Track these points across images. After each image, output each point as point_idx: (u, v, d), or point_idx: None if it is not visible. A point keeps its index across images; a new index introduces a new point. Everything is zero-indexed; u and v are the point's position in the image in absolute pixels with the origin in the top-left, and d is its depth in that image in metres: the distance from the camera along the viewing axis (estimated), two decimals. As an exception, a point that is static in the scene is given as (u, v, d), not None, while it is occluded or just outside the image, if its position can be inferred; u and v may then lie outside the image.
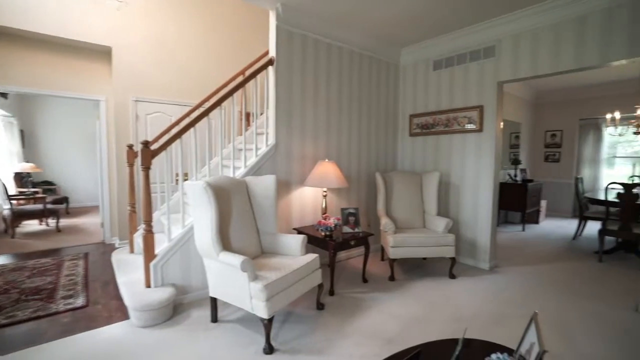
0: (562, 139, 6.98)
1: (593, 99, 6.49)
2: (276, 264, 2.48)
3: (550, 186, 7.10)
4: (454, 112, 3.89)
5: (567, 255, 4.32)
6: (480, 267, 3.74)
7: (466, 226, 3.87)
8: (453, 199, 3.98)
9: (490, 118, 3.59)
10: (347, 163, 3.99)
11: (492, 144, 3.59)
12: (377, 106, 4.29)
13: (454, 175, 3.96)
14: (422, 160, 4.31)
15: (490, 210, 3.63)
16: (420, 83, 4.29)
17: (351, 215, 3.32)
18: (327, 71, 3.71)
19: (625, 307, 2.81)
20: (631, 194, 3.78)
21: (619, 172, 6.53)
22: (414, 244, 3.34)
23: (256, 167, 3.18)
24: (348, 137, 3.98)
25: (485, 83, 3.63)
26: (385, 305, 2.81)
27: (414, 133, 4.37)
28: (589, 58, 2.93)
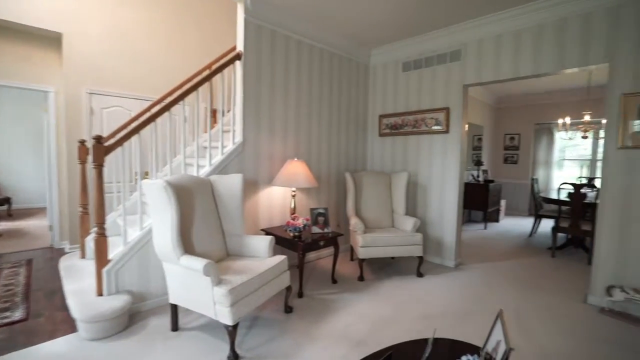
0: (520, 142, 7.40)
1: (547, 105, 6.94)
2: (242, 267, 2.37)
3: (509, 186, 7.50)
4: (422, 114, 3.97)
5: (524, 251, 4.55)
6: (446, 265, 3.83)
7: (433, 225, 3.95)
8: (421, 199, 4.06)
9: (456, 120, 3.69)
10: (317, 162, 3.94)
11: (457, 146, 3.69)
12: (348, 106, 4.28)
13: (421, 175, 4.04)
14: (391, 160, 4.36)
15: (456, 210, 3.74)
16: (389, 84, 4.34)
17: (320, 216, 3.27)
18: (298, 69, 3.63)
19: (575, 299, 2.99)
20: (580, 194, 4.05)
21: (568, 173, 7.02)
22: (383, 243, 3.36)
23: (222, 166, 3.04)
24: (318, 136, 3.93)
25: (452, 86, 3.72)
26: (355, 306, 2.78)
27: (383, 133, 4.41)
28: (545, 65, 3.09)
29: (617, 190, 2.76)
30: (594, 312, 2.74)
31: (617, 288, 2.62)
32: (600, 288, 2.84)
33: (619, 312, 2.69)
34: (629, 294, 2.55)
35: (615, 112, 2.74)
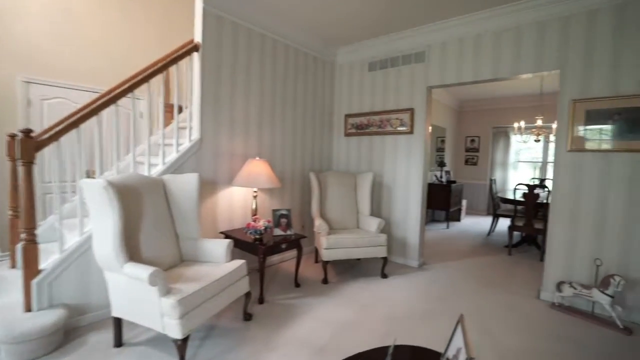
0: (479, 144, 7.71)
1: (504, 109, 7.29)
2: (196, 274, 2.19)
3: (470, 187, 7.80)
4: (387, 114, 3.97)
5: (484, 250, 4.72)
6: (410, 265, 3.86)
7: (397, 226, 3.97)
8: (385, 199, 4.06)
9: (420, 121, 3.73)
10: (281, 162, 3.81)
11: (421, 146, 3.72)
12: (313, 104, 4.19)
13: (386, 176, 4.04)
14: (356, 160, 4.33)
15: (419, 210, 3.77)
16: (355, 83, 4.30)
17: (283, 217, 3.15)
18: (261, 64, 3.48)
19: (530, 295, 3.11)
20: (533, 194, 4.26)
21: (523, 174, 7.43)
22: (348, 245, 3.30)
23: (177, 165, 2.83)
24: (282, 135, 3.80)
25: (416, 87, 3.75)
26: (318, 311, 2.70)
27: (349, 133, 4.37)
28: (503, 70, 3.19)
29: (566, 190, 2.90)
30: (546, 308, 2.86)
31: (566, 284, 2.74)
32: (552, 284, 2.97)
33: (568, 306, 2.82)
34: (577, 289, 2.68)
35: (565, 117, 2.87)
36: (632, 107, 2.60)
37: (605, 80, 2.70)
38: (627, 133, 2.63)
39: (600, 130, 2.74)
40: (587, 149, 2.79)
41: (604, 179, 2.73)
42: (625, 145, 2.64)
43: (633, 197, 2.62)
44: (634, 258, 2.63)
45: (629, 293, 2.64)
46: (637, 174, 2.60)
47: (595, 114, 2.75)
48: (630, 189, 2.63)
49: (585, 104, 2.78)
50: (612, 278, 2.51)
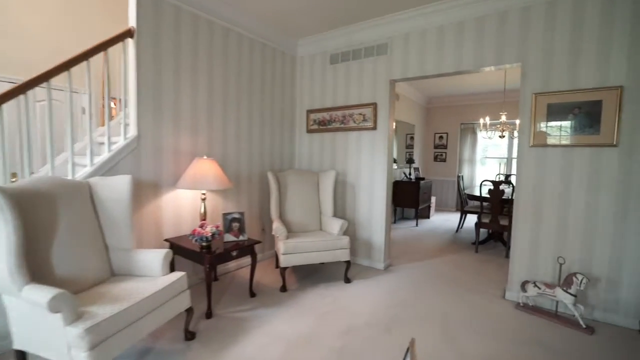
0: (448, 141, 7.73)
1: (471, 106, 7.33)
2: (124, 292, 1.89)
3: (439, 183, 7.81)
4: (350, 109, 3.77)
5: (451, 247, 4.65)
6: (375, 267, 3.69)
7: (362, 226, 3.79)
8: (350, 199, 3.87)
9: (383, 116, 3.56)
10: (236, 161, 3.53)
11: (385, 142, 3.56)
12: (272, 99, 3.93)
13: (350, 174, 3.85)
14: (319, 158, 4.11)
15: (384, 209, 3.61)
16: (317, 77, 4.08)
17: (235, 221, 2.88)
18: (210, 54, 3.18)
19: (495, 295, 3.02)
20: (498, 191, 4.22)
21: (489, 170, 7.52)
22: (307, 249, 3.08)
23: (109, 166, 2.48)
24: (237, 132, 3.52)
25: (379, 80, 3.58)
26: (272, 323, 2.45)
27: (311, 129, 4.14)
28: (466, 62, 3.07)
29: (530, 187, 2.82)
30: (511, 309, 2.77)
31: (531, 283, 2.66)
32: (517, 283, 2.89)
33: (533, 306, 2.75)
34: (541, 289, 2.59)
35: (528, 111, 2.79)
36: (591, 101, 2.54)
37: (566, 74, 2.63)
38: (587, 127, 2.57)
39: (561, 125, 2.67)
40: (549, 144, 2.72)
41: (566, 175, 2.67)
42: (585, 140, 2.58)
43: (592, 194, 2.56)
44: (595, 254, 2.58)
45: (590, 290, 2.59)
46: (596, 170, 2.55)
47: (557, 108, 2.67)
48: (589, 185, 2.57)
49: (547, 98, 2.70)
50: (574, 277, 2.44)
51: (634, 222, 2.43)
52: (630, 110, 2.42)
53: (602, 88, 2.49)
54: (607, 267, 2.54)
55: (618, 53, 2.43)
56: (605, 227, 2.53)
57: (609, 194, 2.51)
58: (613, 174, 2.49)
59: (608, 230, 2.52)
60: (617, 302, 2.52)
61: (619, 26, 2.43)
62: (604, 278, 2.56)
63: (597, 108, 2.52)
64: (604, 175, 2.53)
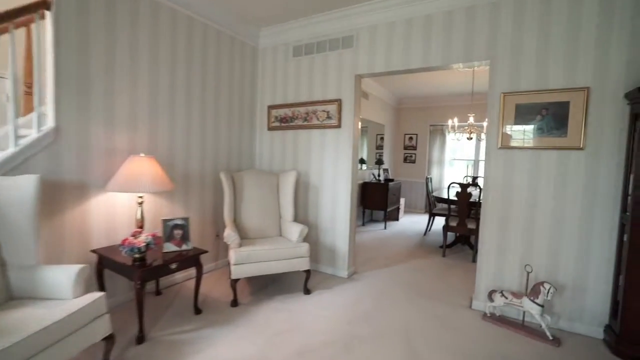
0: (417, 142, 7.68)
1: (440, 107, 7.31)
2: (16, 322, 1.51)
3: (408, 185, 7.74)
4: (313, 105, 3.51)
5: (419, 251, 4.51)
6: (339, 276, 3.45)
7: (325, 231, 3.54)
8: (312, 202, 3.61)
9: (348, 114, 3.32)
10: (185, 160, 3.16)
11: (349, 142, 3.33)
12: (230, 93, 3.59)
13: (313, 174, 3.59)
14: (281, 157, 3.82)
15: (348, 213, 3.38)
16: (279, 70, 3.78)
17: (178, 228, 2.52)
18: (154, 38, 2.80)
19: (462, 305, 2.87)
20: (465, 193, 4.12)
21: (457, 172, 7.54)
22: (262, 258, 2.78)
23: (15, 163, 2.05)
24: (187, 127, 3.15)
25: (344, 75, 3.34)
26: (216, 347, 2.14)
27: (272, 127, 3.84)
28: (434, 58, 2.90)
29: (498, 191, 2.68)
30: (478, 319, 2.62)
31: (498, 293, 2.52)
32: (483, 292, 2.75)
33: (500, 317, 2.61)
34: (508, 299, 2.46)
35: (496, 111, 2.65)
36: (559, 102, 2.43)
37: (534, 73, 2.51)
38: (554, 130, 2.46)
39: (529, 127, 2.55)
40: (517, 146, 2.59)
41: (534, 179, 2.55)
42: (552, 143, 2.47)
43: (559, 199, 2.46)
44: (561, 261, 2.47)
45: (556, 298, 2.48)
46: (562, 174, 2.44)
47: (525, 108, 2.55)
48: (556, 190, 2.47)
49: (515, 98, 2.57)
50: (542, 286, 2.31)
51: (599, 228, 2.34)
52: (596, 112, 2.33)
53: (570, 89, 2.39)
54: (573, 274, 2.44)
55: (585, 53, 2.34)
56: (571, 233, 2.43)
57: (575, 199, 2.41)
58: (579, 178, 2.40)
59: (573, 236, 2.43)
60: (582, 310, 2.42)
61: (585, 26, 2.33)
62: (569, 285, 2.46)
63: (565, 109, 2.42)
64: (570, 179, 2.42)
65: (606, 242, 2.32)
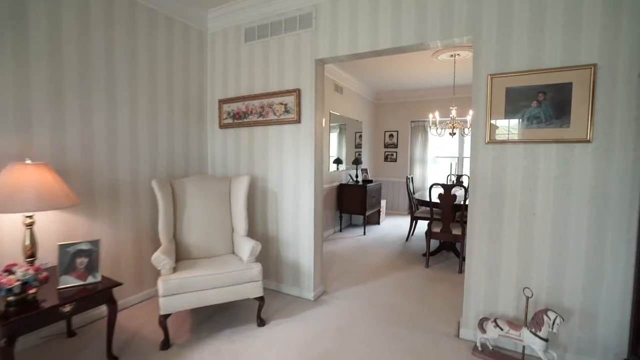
0: (398, 140, 7.23)
1: (421, 102, 6.87)
2: None
3: (389, 185, 7.29)
4: (269, 97, 2.97)
5: (399, 261, 4.03)
6: (304, 298, 2.92)
7: (288, 245, 3.00)
8: (272, 211, 3.07)
9: (308, 105, 2.80)
10: (110, 166, 2.56)
11: (311, 139, 2.80)
12: (169, 85, 3.00)
13: (271, 179, 3.05)
14: (235, 160, 3.26)
15: (312, 223, 2.85)
16: (231, 58, 3.23)
17: (82, 255, 1.94)
18: (55, 16, 2.20)
19: (447, 333, 2.38)
20: (450, 196, 3.66)
21: (441, 170, 7.12)
22: (200, 286, 2.22)
23: None
24: (111, 127, 2.56)
25: (303, 61, 2.82)
26: (118, 421, 1.57)
27: (224, 124, 3.28)
28: (406, 37, 2.40)
29: (486, 194, 2.21)
30: (467, 353, 2.13)
31: (491, 322, 2.04)
32: (473, 319, 2.27)
33: (494, 350, 2.13)
34: (504, 330, 1.98)
35: (483, 99, 2.17)
36: (558, 84, 1.97)
37: (527, 50, 2.04)
38: (554, 118, 2.00)
39: (523, 116, 2.08)
40: (509, 140, 2.12)
41: (530, 180, 2.08)
42: (552, 135, 2.01)
43: (561, 203, 1.99)
44: (566, 281, 2.01)
45: (562, 327, 2.01)
46: (565, 172, 1.98)
47: (517, 93, 2.08)
48: (558, 193, 2.00)
49: (505, 80, 2.10)
50: (545, 315, 1.84)
51: (612, 240, 1.89)
52: (605, 95, 1.87)
53: (572, 67, 1.93)
54: (580, 297, 1.99)
55: (590, 22, 1.88)
56: (577, 246, 1.97)
57: (581, 204, 1.95)
58: (586, 178, 1.94)
59: (581, 249, 1.97)
60: (594, 340, 1.97)
61: (589, -12, 1.87)
62: (577, 311, 2.00)
63: (566, 93, 1.96)
64: (575, 179, 1.97)
65: (622, 256, 1.87)
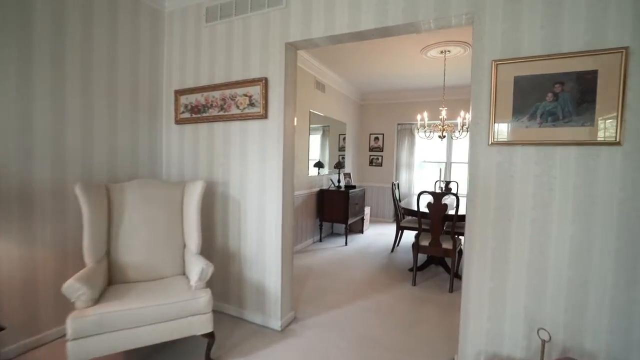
0: (384, 143, 6.86)
1: (408, 103, 6.52)
2: None
3: (374, 191, 6.90)
4: (232, 88, 2.51)
5: (383, 277, 3.60)
6: (269, 328, 2.44)
7: (251, 264, 2.53)
8: (233, 222, 2.59)
9: (277, 98, 2.35)
10: (22, 166, 2.04)
11: (279, 137, 2.35)
12: (113, 71, 2.49)
13: (233, 184, 2.57)
14: (193, 161, 2.77)
15: (280, 238, 2.39)
16: (190, 41, 2.75)
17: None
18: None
19: (440, 374, 1.96)
20: (440, 205, 3.26)
21: (428, 175, 6.78)
22: (128, 323, 1.72)
23: None
24: (25, 111, 2.03)
25: (271, 45, 2.37)
26: None
27: (181, 119, 2.79)
28: (393, 15, 1.99)
29: (489, 208, 1.80)
30: (464, 406, 1.71)
31: (494, 367, 1.63)
32: (471, 357, 1.85)
33: (496, 401, 1.72)
34: (511, 379, 1.56)
35: (486, 91, 1.77)
36: (579, 72, 1.59)
37: (540, 30, 1.65)
38: (574, 115, 1.61)
39: (535, 112, 1.68)
40: (517, 142, 1.72)
41: (544, 191, 1.68)
42: (571, 135, 1.62)
43: (583, 220, 1.61)
44: (588, 317, 1.62)
45: (581, 375, 1.62)
46: (588, 182, 1.60)
47: (529, 83, 1.68)
48: (578, 206, 1.62)
49: (513, 68, 1.71)
50: (566, 365, 1.43)
51: (647, 267, 1.51)
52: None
53: (597, 51, 1.55)
54: (606, 337, 1.59)
55: (618, -4, 1.51)
56: (602, 273, 1.59)
57: (608, 221, 1.57)
58: (614, 189, 1.56)
59: (606, 278, 1.58)
60: (620, 392, 1.58)
61: (619, -46, 1.50)
62: (602, 355, 1.60)
63: (590, 83, 1.57)
64: (599, 191, 1.58)
65: (660, 290, 1.49)
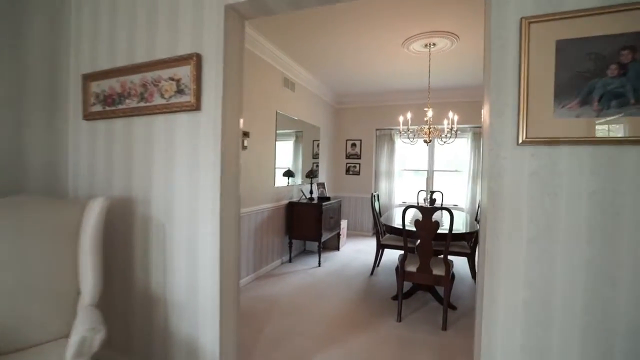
0: (362, 150, 6.32)
1: (388, 107, 6.02)
2: None
3: (352, 202, 6.31)
4: (156, 69, 1.82)
5: (362, 309, 2.98)
6: (205, 403, 1.74)
7: (181, 310, 1.82)
8: (157, 254, 1.88)
9: (214, 82, 1.69)
10: None
11: (217, 137, 1.68)
12: None
13: (157, 202, 1.87)
14: (107, 169, 2.05)
15: (217, 276, 1.71)
16: (103, 10, 2.05)
17: None
18: None
19: None
20: (430, 222, 2.69)
21: (409, 185, 6.28)
22: None
23: None
24: None
25: (206, 8, 1.72)
26: None
27: (91, 113, 2.07)
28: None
29: (522, 235, 1.22)
30: None
31: None
32: None
33: None
34: None
35: (513, 63, 1.20)
36: (650, 36, 1.05)
37: (588, -24, 1.11)
38: (644, 98, 1.07)
39: (590, 92, 1.13)
40: (563, 139, 1.15)
41: (606, 216, 1.12)
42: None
43: (667, 257, 1.05)
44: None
45: None
46: (671, 198, 1.04)
47: (579, 50, 1.13)
48: (655, 236, 1.06)
49: (555, 28, 1.15)
50: None
51: None
52: None
53: (680, 2, 1.02)
54: None
55: None
56: (697, 342, 1.02)
57: None
58: None
59: (702, 348, 1.02)
60: None
61: None
62: None
63: (672, 50, 1.03)
64: (690, 214, 1.03)
65: None
